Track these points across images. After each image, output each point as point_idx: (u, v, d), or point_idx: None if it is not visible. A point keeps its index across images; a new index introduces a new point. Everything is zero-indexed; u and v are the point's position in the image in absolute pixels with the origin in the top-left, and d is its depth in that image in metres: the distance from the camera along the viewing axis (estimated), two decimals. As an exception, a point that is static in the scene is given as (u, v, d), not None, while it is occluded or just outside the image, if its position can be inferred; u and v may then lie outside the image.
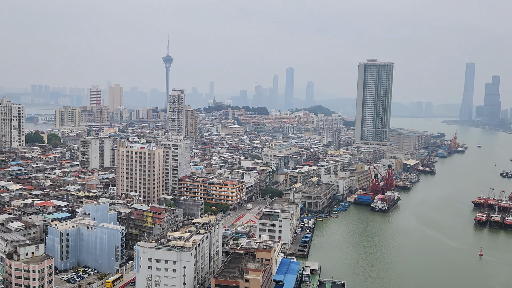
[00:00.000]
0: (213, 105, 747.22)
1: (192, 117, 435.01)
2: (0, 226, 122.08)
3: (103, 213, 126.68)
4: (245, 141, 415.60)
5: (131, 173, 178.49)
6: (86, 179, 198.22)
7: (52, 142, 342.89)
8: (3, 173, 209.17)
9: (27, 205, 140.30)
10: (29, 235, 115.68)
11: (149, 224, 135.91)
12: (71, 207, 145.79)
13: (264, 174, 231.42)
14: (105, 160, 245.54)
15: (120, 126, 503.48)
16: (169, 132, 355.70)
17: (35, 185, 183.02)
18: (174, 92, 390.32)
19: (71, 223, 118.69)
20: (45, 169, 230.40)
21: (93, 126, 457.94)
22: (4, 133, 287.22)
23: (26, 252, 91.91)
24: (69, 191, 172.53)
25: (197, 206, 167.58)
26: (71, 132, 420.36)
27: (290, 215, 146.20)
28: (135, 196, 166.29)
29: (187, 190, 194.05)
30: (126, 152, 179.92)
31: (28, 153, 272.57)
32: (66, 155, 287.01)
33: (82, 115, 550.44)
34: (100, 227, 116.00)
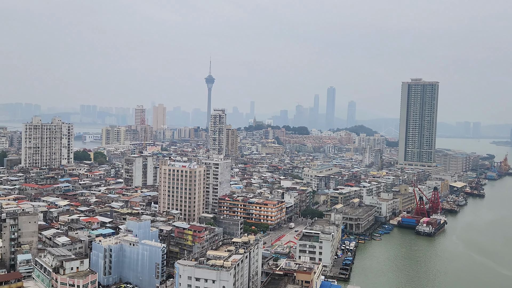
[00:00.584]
0: (254, 125, 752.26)
1: (232, 136, 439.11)
2: (48, 240, 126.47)
3: (145, 230, 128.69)
4: (285, 161, 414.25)
5: (173, 191, 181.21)
6: (130, 196, 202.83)
7: (98, 160, 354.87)
8: (52, 189, 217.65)
9: (74, 220, 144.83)
10: (75, 250, 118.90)
11: (189, 242, 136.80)
12: (115, 224, 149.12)
13: (305, 194, 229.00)
14: (148, 178, 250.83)
15: (163, 145, 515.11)
16: (210, 151, 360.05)
17: (82, 201, 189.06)
18: (216, 111, 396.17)
19: (115, 239, 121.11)
20: (91, 186, 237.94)
21: (137, 145, 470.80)
22: (54, 151, 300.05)
23: (72, 266, 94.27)
24: (113, 207, 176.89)
25: (237, 225, 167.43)
26: (116, 150, 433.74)
27: (331, 237, 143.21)
28: (176, 214, 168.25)
29: (227, 209, 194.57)
30: (168, 170, 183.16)
31: (76, 170, 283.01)
32: (111, 173, 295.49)
33: (127, 134, 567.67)
34: (142, 244, 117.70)
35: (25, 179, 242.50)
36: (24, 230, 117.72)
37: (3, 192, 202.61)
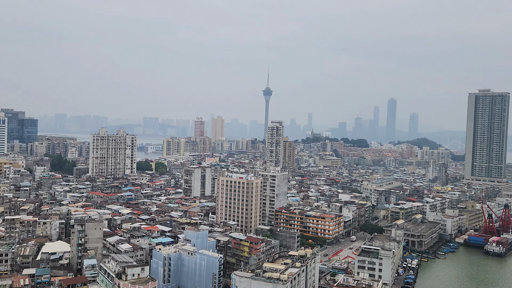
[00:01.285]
0: (311, 137, 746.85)
1: (290, 148, 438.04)
2: (112, 247, 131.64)
3: (203, 240, 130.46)
4: (343, 174, 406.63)
5: (230, 202, 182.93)
6: (188, 206, 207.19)
7: (159, 170, 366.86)
8: (116, 198, 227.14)
9: (136, 228, 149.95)
10: (136, 257, 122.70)
11: (246, 253, 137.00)
12: (174, 233, 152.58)
13: (364, 208, 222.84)
14: (206, 188, 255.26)
15: (221, 156, 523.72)
16: (267, 163, 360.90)
17: (143, 210, 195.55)
18: (273, 123, 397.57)
19: (174, 248, 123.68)
20: (152, 195, 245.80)
21: (196, 156, 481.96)
22: (119, 161, 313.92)
23: (133, 273, 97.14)
24: (173, 217, 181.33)
25: (294, 238, 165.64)
26: (176, 161, 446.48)
27: (391, 253, 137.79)
28: (233, 225, 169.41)
29: (284, 222, 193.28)
30: (226, 181, 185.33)
31: (138, 180, 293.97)
32: (171, 183, 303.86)
33: (186, 145, 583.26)
34: (199, 254, 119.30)
35: (92, 187, 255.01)
36: (90, 236, 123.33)
37: (72, 200, 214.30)
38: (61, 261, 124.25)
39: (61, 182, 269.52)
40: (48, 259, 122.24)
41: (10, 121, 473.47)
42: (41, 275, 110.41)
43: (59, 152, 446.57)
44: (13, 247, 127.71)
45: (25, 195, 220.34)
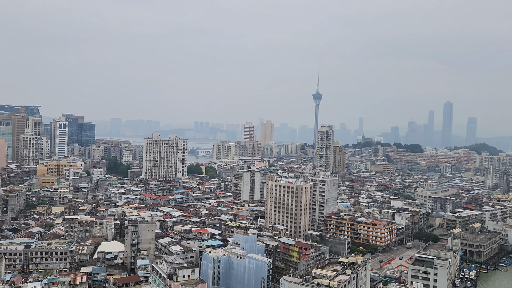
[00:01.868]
0: (362, 142, 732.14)
1: (340, 153, 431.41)
2: (164, 248, 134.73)
3: (252, 244, 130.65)
4: (396, 180, 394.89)
5: (279, 206, 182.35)
6: (238, 210, 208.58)
7: (209, 173, 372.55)
8: (168, 200, 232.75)
9: (186, 230, 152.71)
10: (187, 258, 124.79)
11: (295, 259, 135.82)
12: (223, 236, 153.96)
13: (418, 216, 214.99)
14: (255, 192, 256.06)
15: (270, 161, 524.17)
16: (317, 168, 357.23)
17: (194, 213, 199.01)
18: (323, 128, 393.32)
19: (223, 251, 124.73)
20: (202, 199, 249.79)
21: (245, 160, 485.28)
22: (170, 164, 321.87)
23: (184, 274, 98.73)
24: (222, 220, 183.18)
25: (344, 244, 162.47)
26: (226, 165, 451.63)
27: (447, 263, 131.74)
28: (282, 229, 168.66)
29: (333, 228, 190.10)
30: (275, 186, 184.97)
31: (189, 183, 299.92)
32: (221, 186, 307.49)
33: (236, 149, 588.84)
34: (248, 258, 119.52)
35: (145, 189, 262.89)
36: (143, 237, 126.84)
37: (127, 201, 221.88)
38: (116, 261, 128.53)
39: (116, 184, 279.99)
40: (104, 258, 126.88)
41: (70, 126, 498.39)
42: (98, 273, 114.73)
43: (114, 155, 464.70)
44: (72, 245, 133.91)
45: (83, 196, 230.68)
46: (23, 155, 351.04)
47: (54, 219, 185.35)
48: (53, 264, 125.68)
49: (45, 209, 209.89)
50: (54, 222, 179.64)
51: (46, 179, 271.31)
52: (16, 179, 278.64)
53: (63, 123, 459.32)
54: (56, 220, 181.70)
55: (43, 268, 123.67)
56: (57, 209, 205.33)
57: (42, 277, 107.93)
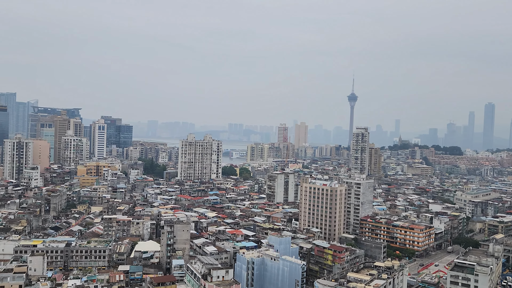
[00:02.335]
0: (399, 144, 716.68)
1: (376, 155, 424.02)
2: (198, 248, 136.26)
3: (286, 246, 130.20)
4: (434, 183, 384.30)
5: (313, 209, 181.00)
6: (271, 212, 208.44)
7: (243, 175, 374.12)
8: (202, 201, 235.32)
9: (220, 231, 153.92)
10: (221, 259, 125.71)
11: (329, 262, 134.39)
12: (257, 237, 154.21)
13: (457, 220, 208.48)
14: (289, 194, 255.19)
15: (304, 163, 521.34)
16: (352, 170, 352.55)
17: (228, 214, 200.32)
18: (358, 130, 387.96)
19: (257, 253, 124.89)
20: (237, 200, 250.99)
21: (279, 162, 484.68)
22: (205, 166, 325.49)
23: (218, 275, 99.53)
24: (256, 222, 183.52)
25: (380, 248, 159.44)
26: (259, 166, 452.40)
27: (489, 270, 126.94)
28: (316, 232, 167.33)
29: (369, 231, 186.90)
30: (309, 188, 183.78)
31: (223, 184, 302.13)
32: (255, 188, 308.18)
33: (270, 151, 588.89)
34: (282, 260, 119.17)
35: (180, 190, 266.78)
36: (178, 237, 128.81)
37: (162, 202, 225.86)
38: (152, 260, 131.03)
39: (152, 185, 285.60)
40: (140, 257, 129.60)
41: (109, 128, 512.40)
42: (134, 272, 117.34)
43: (151, 156, 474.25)
44: (110, 244, 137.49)
45: (121, 196, 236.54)
46: (65, 156, 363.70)
47: (93, 218, 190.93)
48: (92, 262, 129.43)
49: (84, 209, 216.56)
50: (93, 221, 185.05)
51: (86, 179, 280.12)
52: (58, 179, 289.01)
53: (102, 125, 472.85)
54: (95, 219, 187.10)
55: (82, 265, 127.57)
56: (96, 208, 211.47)
57: (82, 274, 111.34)
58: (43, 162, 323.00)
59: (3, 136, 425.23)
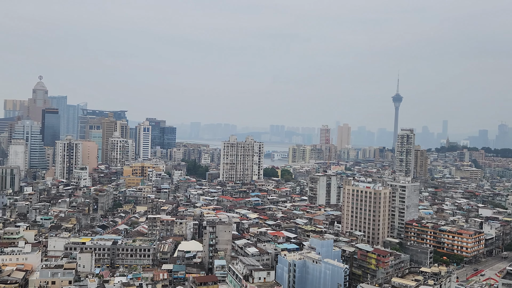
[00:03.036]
0: (446, 146, 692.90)
1: (421, 158, 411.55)
2: (240, 249, 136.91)
3: (328, 249, 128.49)
4: (484, 187, 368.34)
5: (356, 211, 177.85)
6: (313, 214, 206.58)
7: (285, 177, 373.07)
8: (244, 202, 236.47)
9: (262, 233, 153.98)
10: (262, 261, 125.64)
11: (373, 266, 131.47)
12: (299, 240, 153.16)
13: (509, 226, 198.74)
14: (331, 197, 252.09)
15: (346, 165, 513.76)
16: (396, 173, 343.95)
17: (269, 216, 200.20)
18: (403, 131, 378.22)
19: (298, 255, 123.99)
20: (278, 202, 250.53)
21: (321, 164, 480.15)
22: (247, 167, 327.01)
23: (260, 276, 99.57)
24: (298, 224, 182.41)
25: (426, 253, 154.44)
26: (301, 168, 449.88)
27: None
28: (360, 235, 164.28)
29: (414, 235, 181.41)
30: (352, 190, 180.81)
31: (264, 186, 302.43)
32: (296, 190, 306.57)
33: (312, 152, 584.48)
34: (324, 263, 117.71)
35: (222, 191, 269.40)
36: (220, 238, 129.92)
37: (205, 202, 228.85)
38: (194, 260, 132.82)
39: (195, 185, 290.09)
40: (183, 256, 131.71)
41: (153, 129, 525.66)
42: (178, 271, 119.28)
43: (194, 157, 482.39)
44: (154, 243, 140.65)
45: (165, 197, 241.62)
46: (111, 156, 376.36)
47: (138, 217, 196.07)
48: (137, 260, 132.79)
49: (130, 208, 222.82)
50: (138, 220, 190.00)
51: (131, 179, 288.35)
52: (105, 179, 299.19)
53: (147, 127, 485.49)
54: (140, 219, 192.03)
55: (128, 263, 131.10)
56: (141, 208, 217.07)
57: (128, 272, 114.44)
58: (92, 163, 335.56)
59: (55, 138, 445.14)
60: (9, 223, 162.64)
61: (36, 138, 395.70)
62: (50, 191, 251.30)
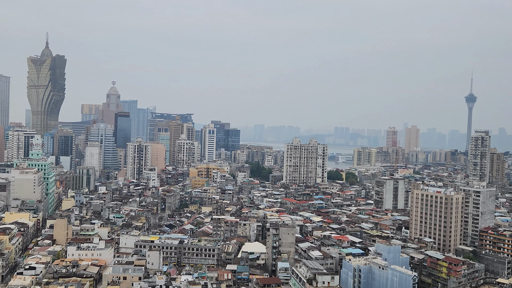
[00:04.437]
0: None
1: (498, 161, 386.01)
2: (303, 252, 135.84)
3: (395, 255, 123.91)
4: None
5: (425, 217, 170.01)
6: (379, 219, 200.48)
7: (349, 180, 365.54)
8: (307, 205, 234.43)
9: (326, 237, 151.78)
10: (326, 265, 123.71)
11: (444, 275, 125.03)
12: (364, 244, 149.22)
13: None
14: (399, 201, 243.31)
15: (415, 168, 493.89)
16: (470, 177, 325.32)
17: (333, 219, 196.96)
18: (477, 133, 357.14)
19: (364, 260, 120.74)
20: (342, 205, 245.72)
21: (388, 167, 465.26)
22: (310, 170, 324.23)
23: (323, 280, 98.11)
24: (363, 228, 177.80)
25: (503, 263, 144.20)
26: (367, 171, 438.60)
27: None
28: (429, 242, 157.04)
29: (490, 244, 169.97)
30: (421, 195, 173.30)
31: (328, 189, 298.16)
32: (362, 193, 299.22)
33: (378, 155, 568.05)
34: (391, 269, 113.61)
35: (286, 194, 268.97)
36: (283, 240, 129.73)
37: (268, 204, 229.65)
38: (258, 261, 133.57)
39: (258, 187, 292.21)
40: (247, 257, 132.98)
41: (218, 132, 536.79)
42: (241, 272, 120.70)
43: (257, 159, 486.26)
44: (219, 244, 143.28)
45: (229, 198, 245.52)
46: (178, 158, 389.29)
47: (203, 218, 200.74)
48: (202, 259, 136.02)
49: (195, 208, 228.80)
50: (203, 220, 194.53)
51: (197, 180, 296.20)
52: (172, 180, 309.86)
53: (212, 129, 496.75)
54: (205, 219, 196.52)
55: (193, 262, 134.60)
56: (206, 208, 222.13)
57: (193, 271, 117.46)
58: (160, 164, 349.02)
59: (126, 140, 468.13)
60: (85, 220, 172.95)
61: (110, 141, 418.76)
62: (122, 190, 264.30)
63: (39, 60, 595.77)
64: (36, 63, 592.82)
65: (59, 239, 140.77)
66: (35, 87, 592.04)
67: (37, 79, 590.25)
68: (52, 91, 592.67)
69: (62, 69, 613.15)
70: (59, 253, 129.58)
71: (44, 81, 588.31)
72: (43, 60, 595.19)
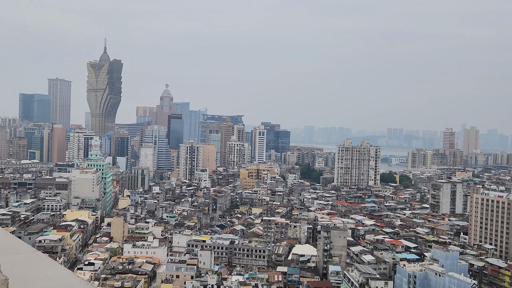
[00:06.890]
0: None
1: None
2: (355, 256, 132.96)
3: (453, 262, 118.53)
4: None
5: (486, 223, 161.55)
6: (436, 224, 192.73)
7: (403, 183, 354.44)
8: (359, 208, 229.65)
9: (379, 241, 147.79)
10: (379, 270, 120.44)
11: (506, 284, 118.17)
12: (420, 250, 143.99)
13: None
14: (457, 205, 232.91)
15: (474, 171, 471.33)
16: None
17: (386, 223, 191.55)
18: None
19: (419, 266, 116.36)
20: (396, 209, 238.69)
21: (445, 170, 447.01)
22: (362, 172, 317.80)
23: (376, 285, 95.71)
24: (418, 233, 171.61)
25: None
26: (422, 174, 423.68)
27: None
28: (490, 249, 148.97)
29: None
30: (481, 199, 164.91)
31: (381, 191, 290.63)
32: (416, 197, 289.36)
33: (433, 157, 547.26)
34: (449, 276, 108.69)
35: (337, 196, 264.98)
36: (335, 243, 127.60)
37: (319, 207, 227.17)
38: (309, 264, 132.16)
39: (309, 189, 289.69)
40: (298, 260, 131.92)
41: (268, 133, 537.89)
42: (292, 274, 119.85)
43: (307, 161, 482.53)
44: (269, 245, 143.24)
45: (279, 199, 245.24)
46: (229, 159, 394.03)
47: (253, 219, 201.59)
48: (252, 260, 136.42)
49: (246, 209, 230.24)
50: (253, 221, 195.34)
51: (247, 181, 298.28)
52: (223, 181, 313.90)
53: (262, 130, 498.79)
54: (255, 220, 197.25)
55: (244, 263, 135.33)
56: (256, 210, 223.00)
57: (244, 271, 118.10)
58: (211, 165, 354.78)
59: (178, 141, 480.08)
60: (140, 219, 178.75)
61: (163, 142, 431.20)
62: (175, 190, 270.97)
63: (98, 64, 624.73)
64: (95, 67, 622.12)
65: (116, 236, 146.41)
66: (94, 91, 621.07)
67: (96, 83, 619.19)
68: (109, 94, 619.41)
69: (119, 73, 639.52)
70: (116, 250, 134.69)
71: (102, 85, 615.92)
72: (101, 64, 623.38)
